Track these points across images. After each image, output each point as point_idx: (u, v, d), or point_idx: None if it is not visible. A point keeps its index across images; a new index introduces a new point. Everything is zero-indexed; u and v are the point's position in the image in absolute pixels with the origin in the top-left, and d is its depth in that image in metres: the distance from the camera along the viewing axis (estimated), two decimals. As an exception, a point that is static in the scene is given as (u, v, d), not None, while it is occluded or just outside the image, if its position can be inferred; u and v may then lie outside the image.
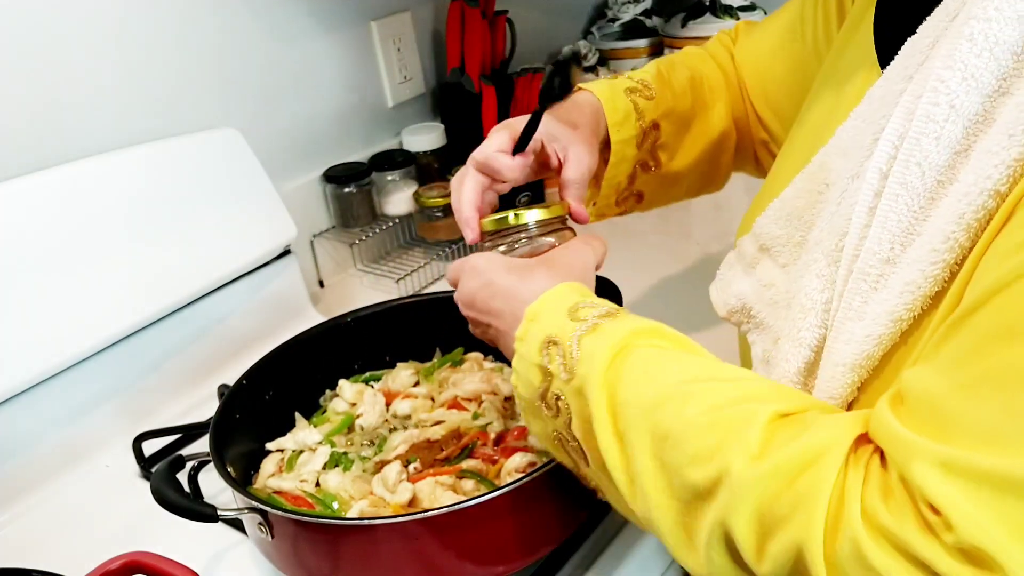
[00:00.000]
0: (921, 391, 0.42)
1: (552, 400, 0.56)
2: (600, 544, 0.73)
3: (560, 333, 0.55)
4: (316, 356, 0.87)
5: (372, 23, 1.27)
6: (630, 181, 0.81)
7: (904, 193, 0.48)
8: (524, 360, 0.57)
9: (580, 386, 0.53)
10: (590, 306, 0.56)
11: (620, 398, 0.51)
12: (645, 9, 1.64)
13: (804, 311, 0.55)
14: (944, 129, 0.46)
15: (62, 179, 0.89)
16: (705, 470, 0.46)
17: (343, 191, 1.21)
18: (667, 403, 0.49)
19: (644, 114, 0.78)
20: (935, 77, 0.47)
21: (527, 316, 0.58)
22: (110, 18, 0.96)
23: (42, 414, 0.86)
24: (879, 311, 0.49)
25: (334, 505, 0.72)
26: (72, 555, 0.73)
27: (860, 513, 0.41)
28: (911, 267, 0.47)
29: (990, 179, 0.43)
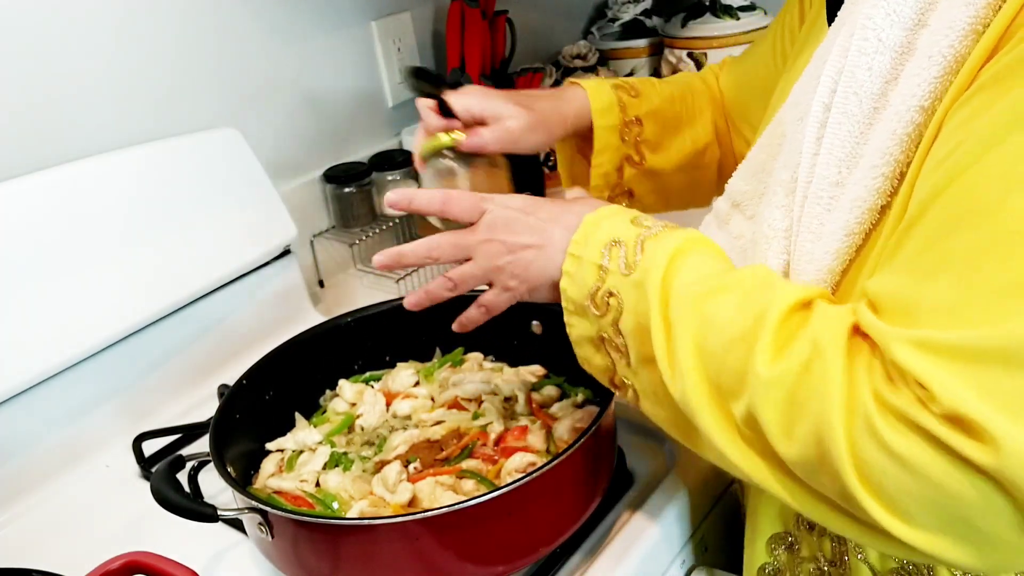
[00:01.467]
0: (886, 291, 0.47)
1: (603, 298, 0.59)
2: (600, 544, 0.73)
3: (625, 235, 0.59)
4: (316, 356, 0.87)
5: (372, 23, 1.27)
6: (619, 174, 0.87)
7: (845, 121, 0.54)
8: (580, 260, 0.60)
9: (640, 279, 0.57)
10: (650, 218, 0.61)
11: (673, 290, 0.55)
12: (645, 9, 1.64)
13: (767, 240, 0.60)
14: (874, 60, 0.53)
15: (62, 179, 0.89)
16: (735, 359, 0.50)
17: (343, 191, 1.21)
18: (710, 296, 0.54)
19: (627, 108, 0.85)
20: (864, 15, 0.54)
21: (587, 221, 0.61)
22: (110, 19, 0.96)
23: (42, 414, 0.86)
24: (833, 228, 0.55)
25: (334, 505, 0.72)
26: (72, 555, 0.73)
27: (872, 396, 0.44)
28: (857, 185, 0.53)
29: (915, 96, 0.50)
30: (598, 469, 0.71)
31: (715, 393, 0.52)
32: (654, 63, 1.61)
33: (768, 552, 0.69)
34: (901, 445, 0.43)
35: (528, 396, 0.83)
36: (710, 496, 0.82)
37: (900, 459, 0.43)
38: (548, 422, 0.79)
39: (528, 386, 0.84)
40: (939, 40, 0.49)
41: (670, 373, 0.55)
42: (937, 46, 0.49)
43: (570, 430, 0.77)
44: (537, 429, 0.77)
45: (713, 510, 0.83)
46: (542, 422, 0.79)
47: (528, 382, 0.85)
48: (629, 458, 0.81)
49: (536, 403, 0.82)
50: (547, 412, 0.81)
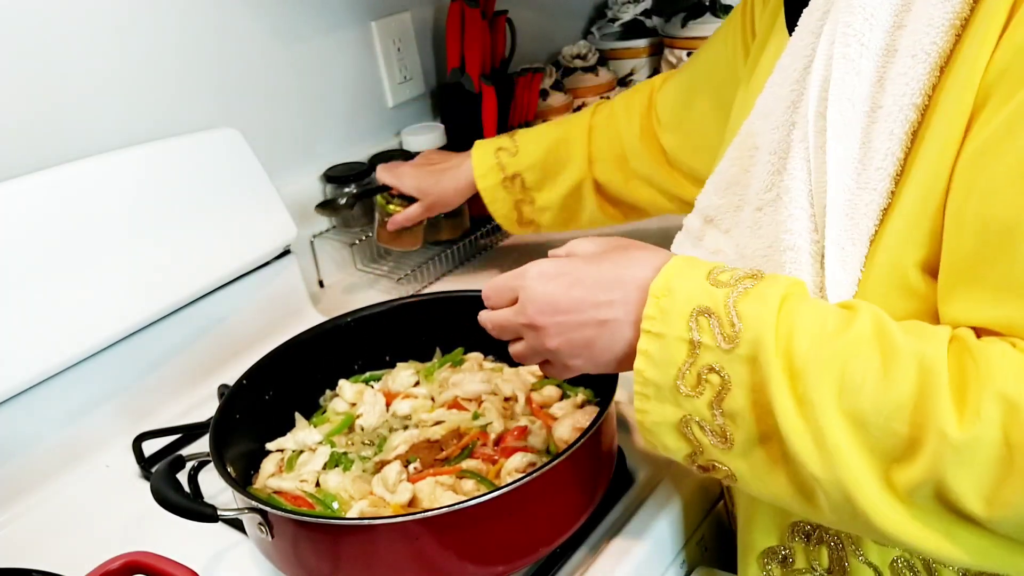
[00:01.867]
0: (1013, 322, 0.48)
1: (697, 376, 0.52)
2: (600, 544, 0.73)
3: (710, 300, 0.52)
4: (316, 356, 0.87)
5: (372, 23, 1.27)
6: (518, 213, 1.07)
7: (844, 128, 0.55)
8: (661, 339, 0.53)
9: (750, 354, 0.50)
10: (725, 270, 0.54)
11: (798, 359, 0.49)
12: (645, 9, 1.64)
13: (795, 263, 0.58)
14: (860, 65, 0.55)
15: (62, 179, 0.89)
16: (904, 424, 0.47)
17: (342, 191, 1.21)
18: (851, 358, 0.49)
19: (506, 167, 1.04)
20: (842, 23, 0.55)
21: (654, 292, 0.54)
22: (110, 19, 0.96)
23: (42, 414, 0.86)
24: (855, 234, 0.55)
25: (334, 505, 0.73)
26: (72, 555, 0.73)
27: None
28: (865, 189, 0.55)
29: (905, 95, 0.52)
30: (598, 469, 0.71)
31: (882, 466, 0.48)
32: (654, 63, 1.61)
33: (760, 567, 0.69)
34: None
35: (528, 396, 0.83)
36: (710, 496, 0.82)
37: None
38: (548, 422, 0.79)
39: (528, 386, 0.84)
40: (921, 39, 0.52)
41: (816, 454, 0.49)
42: (920, 44, 0.52)
43: (570, 430, 0.77)
44: (537, 429, 0.77)
45: (713, 510, 0.83)
46: (542, 422, 0.79)
47: (528, 382, 0.85)
48: (629, 458, 0.81)
49: (536, 403, 0.82)
50: (547, 412, 0.81)
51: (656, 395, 0.55)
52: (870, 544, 0.63)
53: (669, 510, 0.76)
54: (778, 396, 0.49)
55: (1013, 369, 0.46)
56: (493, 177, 1.05)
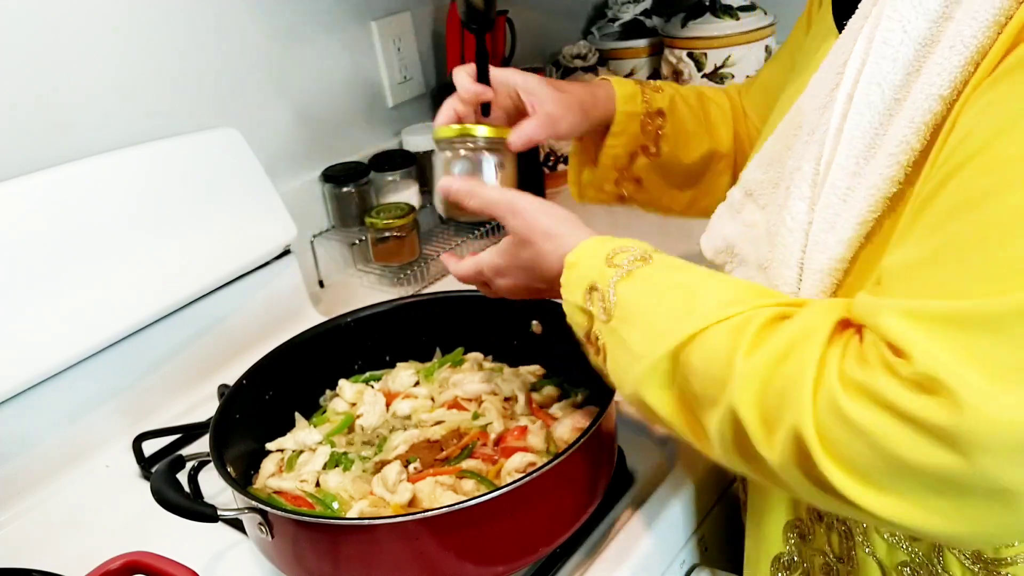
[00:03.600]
0: (893, 268, 0.48)
1: (595, 338, 0.61)
2: (600, 545, 0.73)
3: (600, 280, 0.60)
4: (316, 356, 0.87)
5: (372, 23, 1.27)
6: (630, 159, 0.88)
7: (867, 111, 0.55)
8: (568, 303, 0.63)
9: (616, 327, 0.58)
10: (624, 251, 0.60)
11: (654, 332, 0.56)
12: (645, 9, 1.64)
13: (791, 232, 0.60)
14: (899, 51, 0.54)
15: (62, 179, 0.89)
16: (719, 366, 0.51)
17: (341, 191, 1.22)
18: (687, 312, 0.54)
19: (651, 101, 0.86)
20: (890, 7, 0.54)
21: (568, 263, 0.63)
22: (111, 19, 0.96)
23: (42, 414, 0.86)
24: (847, 217, 0.55)
25: (334, 505, 0.72)
26: (72, 555, 0.73)
27: (837, 375, 0.45)
28: (873, 174, 0.54)
29: (934, 85, 0.51)
30: (598, 469, 0.71)
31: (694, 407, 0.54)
32: (654, 63, 1.61)
33: (784, 540, 0.69)
34: (862, 417, 0.43)
35: (528, 396, 0.83)
36: (710, 496, 0.82)
37: (861, 431, 0.43)
38: (548, 422, 0.79)
39: (528, 386, 0.84)
40: (963, 30, 0.50)
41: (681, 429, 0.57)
42: (960, 36, 0.50)
43: (570, 430, 0.77)
44: (537, 429, 0.77)
45: (713, 510, 0.83)
46: (542, 422, 0.79)
47: (528, 382, 0.85)
48: (629, 458, 0.81)
49: (536, 403, 0.82)
50: (547, 412, 0.81)
51: (583, 344, 0.64)
52: (877, 538, 0.63)
53: (669, 510, 0.76)
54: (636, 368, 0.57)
55: (822, 311, 0.49)
56: (634, 104, 0.86)
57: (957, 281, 0.44)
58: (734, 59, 1.43)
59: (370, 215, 1.17)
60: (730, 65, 1.43)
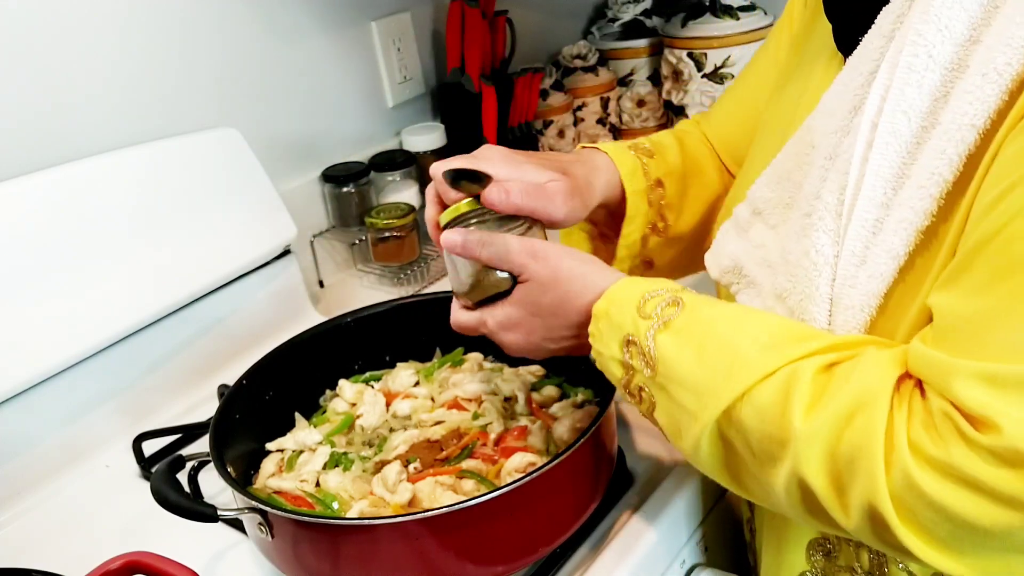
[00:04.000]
0: (951, 317, 0.47)
1: (635, 389, 0.60)
2: (600, 544, 0.73)
3: (636, 332, 0.58)
4: (316, 356, 0.87)
5: (372, 23, 1.27)
6: (643, 244, 0.81)
7: (893, 140, 0.53)
8: (602, 356, 0.61)
9: (664, 384, 0.57)
10: (654, 296, 0.59)
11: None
12: (645, 9, 1.64)
13: (816, 267, 0.57)
14: (924, 77, 0.52)
15: (62, 179, 0.89)
16: (773, 425, 0.50)
17: (341, 191, 1.22)
18: (730, 369, 0.54)
19: (649, 170, 0.79)
20: (913, 31, 0.52)
21: (596, 313, 0.61)
22: (111, 19, 0.96)
23: (42, 414, 0.86)
24: (878, 251, 0.53)
25: (334, 505, 0.72)
26: (72, 555, 0.74)
27: (908, 446, 0.45)
28: (903, 206, 0.52)
29: (966, 115, 0.48)
30: (598, 469, 0.71)
31: (756, 463, 0.53)
32: (654, 63, 1.61)
33: (807, 559, 0.68)
34: (941, 494, 0.43)
35: (528, 396, 0.83)
36: (710, 496, 0.82)
37: (941, 507, 0.43)
38: (548, 422, 0.79)
39: (528, 386, 0.84)
40: (995, 57, 0.48)
41: (730, 483, 0.58)
42: (993, 63, 0.48)
43: (570, 430, 0.77)
44: (537, 429, 0.77)
45: (713, 510, 0.83)
46: (542, 422, 0.79)
47: (528, 382, 0.85)
48: (629, 458, 0.81)
49: (536, 403, 0.82)
50: (547, 412, 0.81)
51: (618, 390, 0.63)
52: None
53: (669, 510, 0.76)
54: (688, 425, 0.56)
55: (885, 364, 0.49)
56: (639, 180, 0.78)
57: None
58: (734, 59, 1.43)
59: (370, 215, 1.17)
60: (730, 65, 1.43)
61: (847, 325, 0.55)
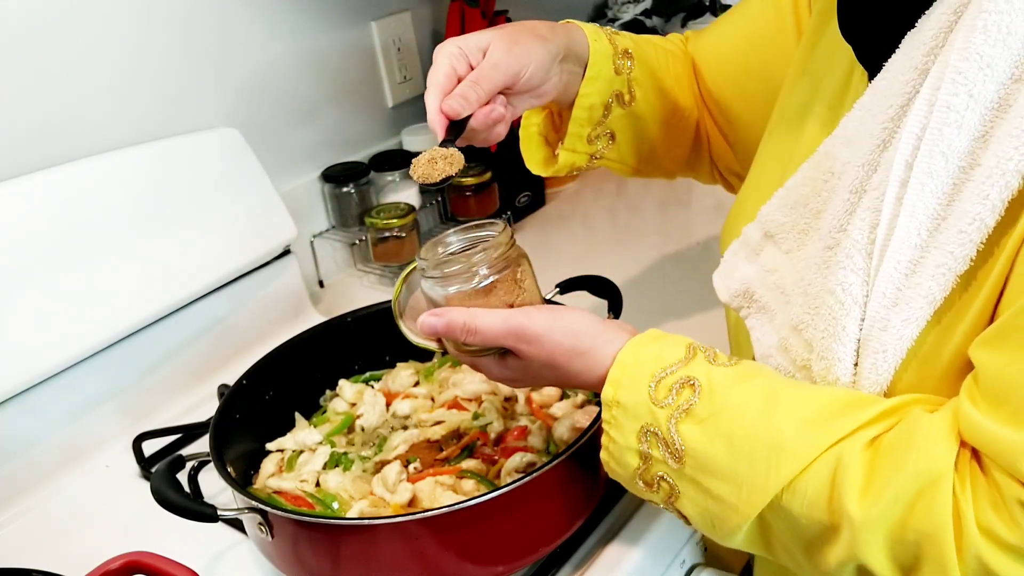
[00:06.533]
0: (1002, 381, 0.46)
1: (652, 478, 0.58)
2: (600, 544, 0.73)
3: (655, 423, 0.56)
4: (316, 356, 0.87)
5: (372, 23, 1.27)
6: (605, 111, 0.79)
7: (929, 182, 0.50)
8: (616, 444, 0.59)
9: (695, 476, 0.55)
10: (664, 377, 0.57)
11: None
12: (645, 9, 1.64)
13: (845, 307, 0.55)
14: (964, 117, 0.49)
15: (62, 179, 0.89)
16: (825, 512, 0.50)
17: (341, 191, 1.22)
18: (770, 459, 0.52)
19: (615, 41, 0.79)
20: (952, 68, 0.50)
21: (607, 401, 0.59)
22: (111, 19, 0.96)
23: (42, 414, 0.86)
24: (913, 295, 0.51)
25: (334, 505, 0.73)
26: (72, 555, 0.73)
27: (979, 531, 0.44)
28: (940, 250, 0.50)
29: (1011, 160, 0.46)
30: (598, 469, 0.71)
31: (808, 548, 0.52)
32: (654, 63, 1.61)
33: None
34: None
35: (528, 396, 0.83)
36: (710, 496, 0.82)
37: None
38: (548, 422, 0.79)
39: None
40: None
41: (763, 549, 0.56)
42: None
43: (570, 430, 0.77)
44: (537, 429, 0.77)
45: (713, 510, 0.83)
46: (542, 422, 0.79)
47: (528, 382, 0.85)
48: (629, 458, 0.81)
49: (536, 403, 0.82)
50: (547, 412, 0.81)
51: (622, 481, 0.61)
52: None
53: (669, 510, 0.76)
54: (728, 516, 0.54)
55: (939, 437, 0.48)
56: (603, 44, 0.77)
57: None
58: (734, 59, 1.43)
59: (370, 215, 1.17)
60: (730, 65, 1.43)
61: (876, 370, 0.53)
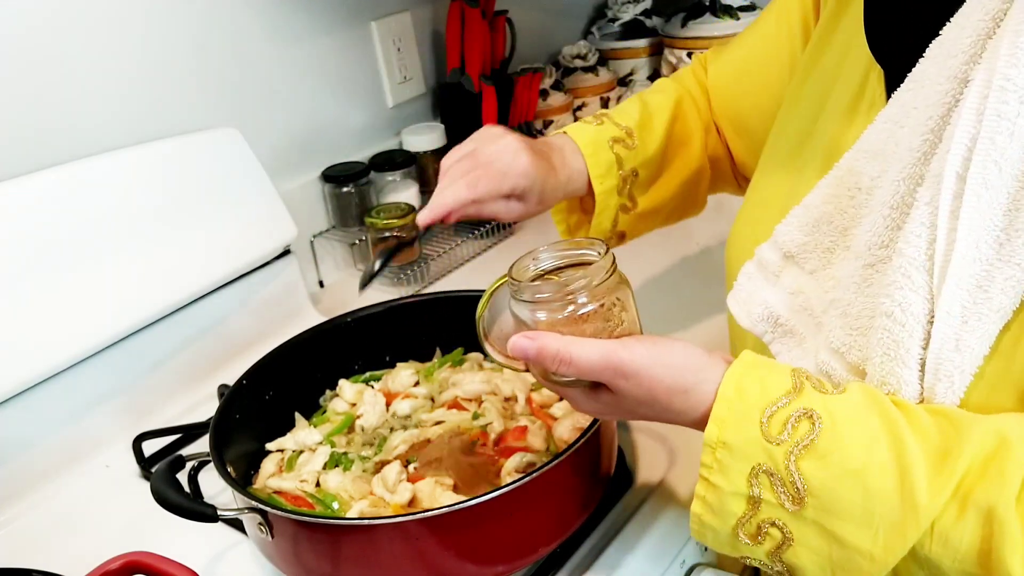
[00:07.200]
0: None
1: (757, 527, 0.53)
2: (600, 544, 0.73)
3: (770, 462, 0.51)
4: (316, 356, 0.87)
5: (372, 23, 1.27)
6: (613, 225, 0.85)
7: (985, 193, 0.49)
8: (719, 490, 0.53)
9: (818, 519, 0.51)
10: (775, 411, 0.52)
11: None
12: (645, 9, 1.64)
13: (907, 329, 0.52)
14: (1017, 125, 0.48)
15: (62, 179, 0.89)
16: (979, 568, 0.48)
17: (341, 191, 1.22)
18: (912, 512, 0.49)
19: (624, 163, 0.82)
20: (1000, 76, 0.49)
21: (709, 442, 0.53)
22: (110, 19, 0.96)
23: (42, 414, 0.86)
24: (985, 311, 0.50)
25: (334, 505, 0.73)
26: (72, 555, 0.73)
27: None
28: (1008, 263, 0.49)
29: None
30: (598, 469, 0.71)
31: None
32: (654, 63, 1.61)
33: None
34: None
35: (528, 396, 0.83)
36: (710, 496, 0.82)
37: None
38: (548, 422, 0.79)
39: (528, 386, 0.84)
40: None
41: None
42: None
43: (570, 430, 0.77)
44: (537, 429, 0.77)
45: (713, 510, 0.83)
46: (542, 422, 0.79)
47: (528, 382, 0.85)
48: (629, 458, 0.81)
49: (536, 403, 0.82)
50: (547, 412, 0.81)
51: (714, 539, 0.56)
52: None
53: (669, 510, 0.76)
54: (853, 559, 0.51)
55: None
56: (611, 179, 0.81)
57: None
58: (734, 59, 1.43)
59: (370, 215, 1.17)
60: (730, 65, 1.43)
61: (954, 390, 0.51)
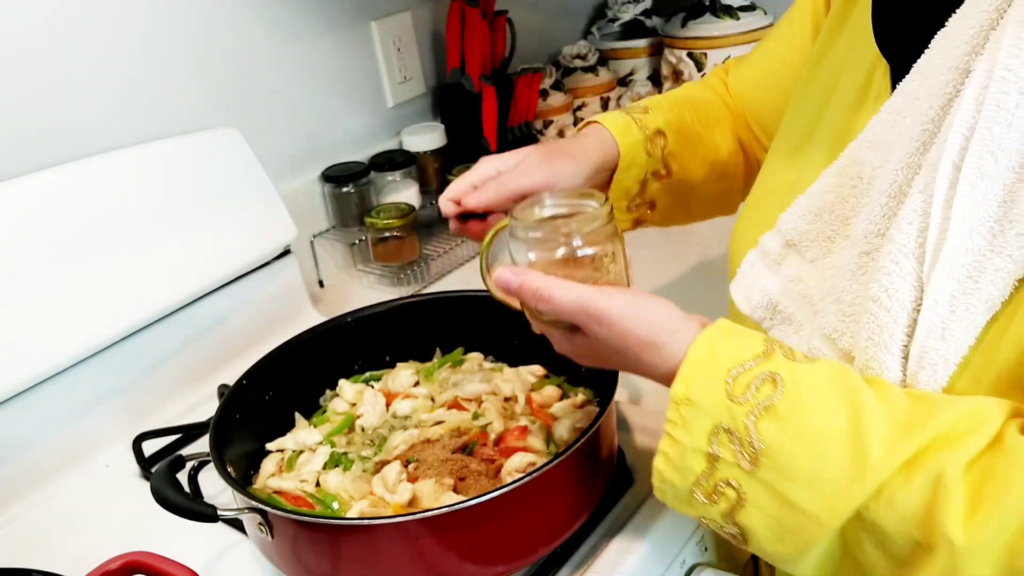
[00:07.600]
0: None
1: (714, 487, 0.54)
2: (600, 544, 0.73)
3: (731, 420, 0.52)
4: (316, 356, 0.87)
5: (372, 23, 1.27)
6: (641, 187, 0.82)
7: (980, 183, 0.49)
8: (681, 446, 0.54)
9: (770, 480, 0.51)
10: (742, 372, 0.53)
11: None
12: (645, 9, 1.64)
13: (892, 314, 0.53)
14: (1015, 115, 0.48)
15: (62, 179, 0.89)
16: (920, 531, 0.47)
17: (341, 191, 1.22)
18: (859, 469, 0.49)
19: (646, 124, 0.81)
20: (1001, 66, 0.49)
21: (675, 398, 0.54)
22: (110, 19, 0.96)
23: (42, 414, 0.86)
24: (974, 301, 0.50)
25: (334, 505, 0.72)
26: (72, 555, 0.73)
27: None
28: (999, 254, 0.49)
29: None
30: (598, 469, 0.71)
31: (898, 567, 0.49)
32: (654, 63, 1.61)
33: None
34: None
35: (528, 396, 0.83)
36: (710, 496, 0.82)
37: None
38: (548, 422, 0.79)
39: (528, 386, 0.84)
40: None
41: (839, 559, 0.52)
42: None
43: (570, 430, 0.77)
44: (537, 429, 0.77)
45: (713, 510, 0.83)
46: (542, 422, 0.79)
47: (528, 382, 0.85)
48: (629, 458, 0.81)
49: (536, 403, 0.82)
50: (547, 412, 0.81)
51: (674, 496, 0.57)
52: None
53: (669, 509, 0.75)
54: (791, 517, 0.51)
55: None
56: (633, 134, 0.80)
57: None
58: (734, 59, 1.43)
59: (370, 215, 1.17)
60: (730, 65, 1.43)
61: (936, 379, 0.52)
